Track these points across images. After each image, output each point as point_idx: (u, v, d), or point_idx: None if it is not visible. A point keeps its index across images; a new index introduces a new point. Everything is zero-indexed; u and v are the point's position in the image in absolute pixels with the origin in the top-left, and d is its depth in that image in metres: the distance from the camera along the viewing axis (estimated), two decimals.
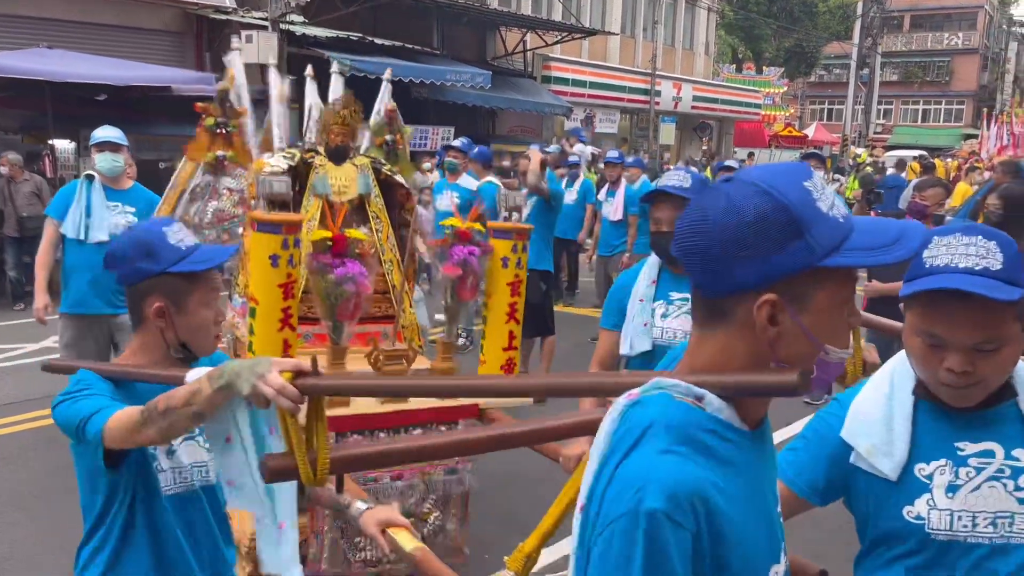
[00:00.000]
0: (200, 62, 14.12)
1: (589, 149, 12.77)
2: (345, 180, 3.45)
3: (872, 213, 5.52)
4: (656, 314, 2.78)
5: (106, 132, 4.83)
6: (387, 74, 4.07)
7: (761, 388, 1.05)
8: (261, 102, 3.79)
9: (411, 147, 4.83)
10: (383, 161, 3.70)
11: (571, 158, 9.86)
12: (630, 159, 8.76)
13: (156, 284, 1.79)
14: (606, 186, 8.10)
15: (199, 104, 3.74)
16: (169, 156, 10.45)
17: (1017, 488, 1.42)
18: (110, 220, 4.68)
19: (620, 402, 1.06)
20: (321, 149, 3.51)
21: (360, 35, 13.93)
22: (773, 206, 1.00)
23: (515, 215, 3.21)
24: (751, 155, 24.38)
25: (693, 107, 26.10)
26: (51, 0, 12.14)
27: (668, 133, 25.70)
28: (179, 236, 1.84)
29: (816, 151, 7.02)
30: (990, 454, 1.45)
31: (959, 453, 1.47)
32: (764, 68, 33.72)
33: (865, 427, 1.53)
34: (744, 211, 1.01)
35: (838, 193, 6.93)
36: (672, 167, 9.32)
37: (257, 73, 14.12)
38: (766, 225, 1.00)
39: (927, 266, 1.43)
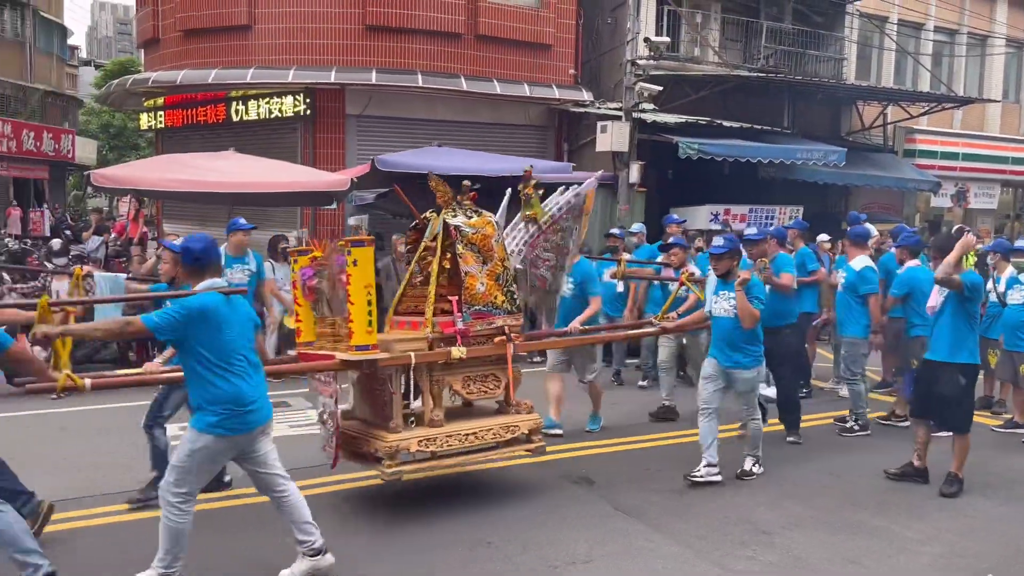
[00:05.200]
0: (559, 151, 15.44)
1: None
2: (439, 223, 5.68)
3: None
4: None
5: None
6: (507, 193, 6.41)
7: None
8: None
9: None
10: (469, 211, 5.61)
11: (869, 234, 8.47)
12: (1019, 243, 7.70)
13: None
14: (994, 272, 7.33)
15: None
16: None
17: None
18: None
19: None
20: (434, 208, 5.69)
21: (708, 119, 14.17)
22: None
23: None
24: None
25: None
26: (442, 105, 14.26)
27: None
28: None
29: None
30: None
31: None
32: None
33: None
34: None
35: None
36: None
37: (610, 160, 14.95)
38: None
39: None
